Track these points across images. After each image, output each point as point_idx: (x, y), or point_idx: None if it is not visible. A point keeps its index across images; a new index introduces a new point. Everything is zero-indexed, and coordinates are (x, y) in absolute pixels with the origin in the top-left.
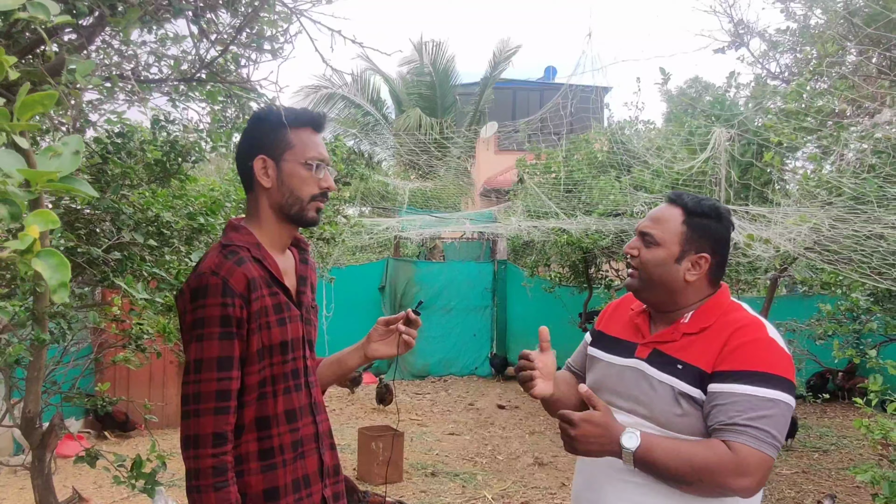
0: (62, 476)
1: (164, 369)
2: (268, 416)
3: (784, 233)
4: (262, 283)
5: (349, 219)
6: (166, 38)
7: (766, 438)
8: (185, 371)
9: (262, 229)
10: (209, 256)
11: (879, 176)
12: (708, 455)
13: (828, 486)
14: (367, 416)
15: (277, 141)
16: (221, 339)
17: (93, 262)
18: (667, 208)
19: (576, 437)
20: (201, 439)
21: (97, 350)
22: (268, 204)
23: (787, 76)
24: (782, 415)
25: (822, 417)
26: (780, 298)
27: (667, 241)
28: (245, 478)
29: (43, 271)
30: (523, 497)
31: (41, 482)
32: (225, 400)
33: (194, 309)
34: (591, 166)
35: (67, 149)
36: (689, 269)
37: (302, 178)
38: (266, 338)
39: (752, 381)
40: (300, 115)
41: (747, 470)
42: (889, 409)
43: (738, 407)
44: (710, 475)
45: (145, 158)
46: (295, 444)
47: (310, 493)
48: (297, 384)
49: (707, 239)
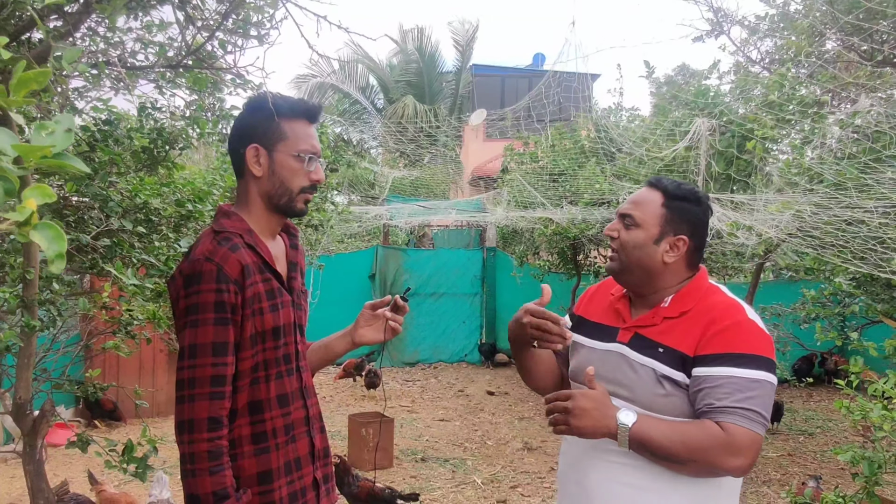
0: (53, 464)
1: (153, 358)
2: (260, 400)
3: (767, 219)
4: (255, 270)
5: (336, 206)
6: (152, 25)
7: (755, 418)
8: (179, 357)
9: (251, 216)
10: (202, 243)
11: (859, 163)
12: (701, 435)
13: (813, 468)
14: (356, 404)
15: (271, 131)
16: (216, 325)
17: (82, 250)
18: (647, 192)
19: (572, 409)
20: (196, 424)
21: (87, 337)
22: (257, 192)
23: (767, 63)
24: (767, 394)
25: (808, 401)
26: (765, 284)
27: (646, 222)
28: (238, 461)
29: (41, 242)
30: (512, 482)
31: (32, 468)
32: (220, 385)
33: (188, 295)
34: (578, 153)
35: (60, 126)
36: (667, 250)
37: (293, 170)
38: (259, 323)
39: (735, 363)
40: (295, 105)
41: (740, 450)
42: (869, 390)
43: (724, 389)
44: (703, 455)
45: (132, 146)
46: (287, 428)
47: (301, 476)
48: (289, 369)
49: (685, 222)
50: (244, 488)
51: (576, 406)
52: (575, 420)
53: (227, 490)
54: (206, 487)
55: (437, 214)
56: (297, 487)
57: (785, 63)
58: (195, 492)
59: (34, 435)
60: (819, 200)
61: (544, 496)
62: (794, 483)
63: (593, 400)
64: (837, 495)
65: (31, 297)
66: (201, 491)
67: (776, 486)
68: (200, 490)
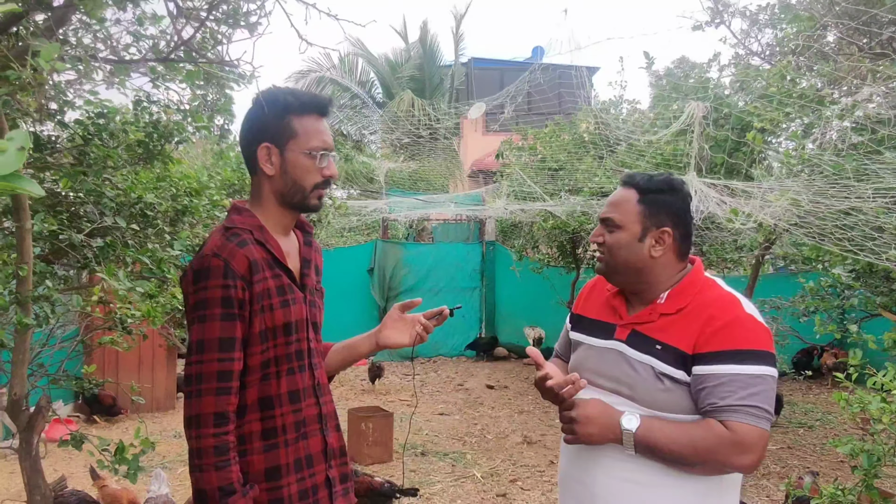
0: (52, 460)
1: (153, 353)
2: (271, 396)
3: (765, 206)
4: (264, 265)
5: (334, 200)
6: (144, 18)
7: (760, 414)
8: (187, 352)
9: (264, 213)
10: (212, 239)
11: (860, 152)
12: (708, 436)
13: (812, 461)
14: (356, 398)
15: (282, 129)
16: (223, 321)
17: (75, 247)
18: (622, 192)
19: (577, 417)
20: (203, 419)
21: (84, 332)
22: (270, 190)
23: (768, 55)
24: (769, 388)
25: (808, 394)
26: (765, 276)
27: (626, 222)
28: (248, 457)
29: None
30: (512, 475)
31: (29, 464)
32: (226, 380)
33: (196, 291)
34: (577, 146)
35: (12, 144)
36: (653, 245)
37: (305, 168)
38: (269, 319)
39: (736, 359)
40: (305, 101)
41: (748, 447)
42: (868, 382)
43: (728, 388)
44: (712, 456)
45: (127, 139)
46: (297, 425)
47: (313, 473)
48: (301, 365)
49: (665, 213)
50: (251, 484)
51: (580, 414)
52: (581, 428)
53: (234, 485)
54: (212, 483)
55: (437, 208)
56: (307, 485)
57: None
58: (202, 487)
59: (30, 431)
60: (818, 188)
61: (544, 489)
62: (793, 476)
63: (595, 406)
64: (837, 488)
65: (25, 293)
66: (207, 486)
67: (775, 478)
68: (207, 485)
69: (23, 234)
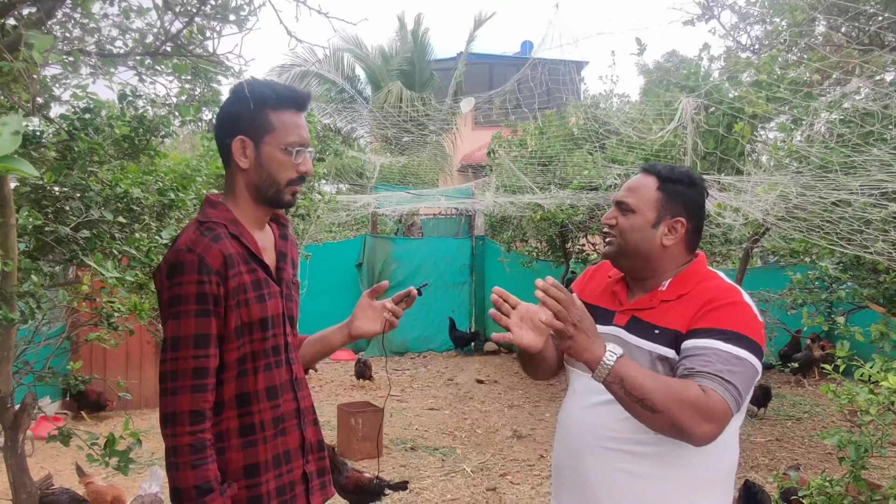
0: (39, 458)
1: (140, 349)
2: (248, 392)
3: (753, 201)
4: (239, 260)
5: (324, 195)
6: (130, 11)
7: (732, 392)
8: (162, 349)
9: (238, 206)
10: (186, 233)
11: (847, 145)
12: (682, 388)
13: (800, 454)
14: (346, 393)
15: (258, 122)
16: (198, 317)
17: (61, 241)
18: (641, 177)
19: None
20: (178, 417)
21: (70, 329)
22: (244, 184)
23: (757, 48)
24: (748, 375)
25: (796, 387)
26: (754, 270)
27: (642, 207)
28: (226, 454)
29: None
30: (502, 469)
31: (14, 462)
32: (202, 377)
33: (171, 286)
34: (567, 140)
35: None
36: (665, 233)
37: (280, 163)
38: (245, 314)
39: (723, 337)
40: (283, 94)
41: (712, 416)
42: (856, 374)
43: (709, 358)
44: (678, 407)
45: (113, 134)
46: (276, 421)
47: (290, 469)
48: (278, 360)
49: (681, 204)
50: (229, 482)
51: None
52: (575, 330)
53: (211, 484)
54: (188, 481)
55: (426, 202)
56: (285, 481)
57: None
58: (178, 485)
59: (16, 429)
60: (806, 181)
61: (534, 483)
62: (782, 468)
63: (593, 324)
64: (824, 479)
65: (10, 289)
66: (184, 485)
67: (764, 471)
68: (183, 484)
69: (7, 229)
